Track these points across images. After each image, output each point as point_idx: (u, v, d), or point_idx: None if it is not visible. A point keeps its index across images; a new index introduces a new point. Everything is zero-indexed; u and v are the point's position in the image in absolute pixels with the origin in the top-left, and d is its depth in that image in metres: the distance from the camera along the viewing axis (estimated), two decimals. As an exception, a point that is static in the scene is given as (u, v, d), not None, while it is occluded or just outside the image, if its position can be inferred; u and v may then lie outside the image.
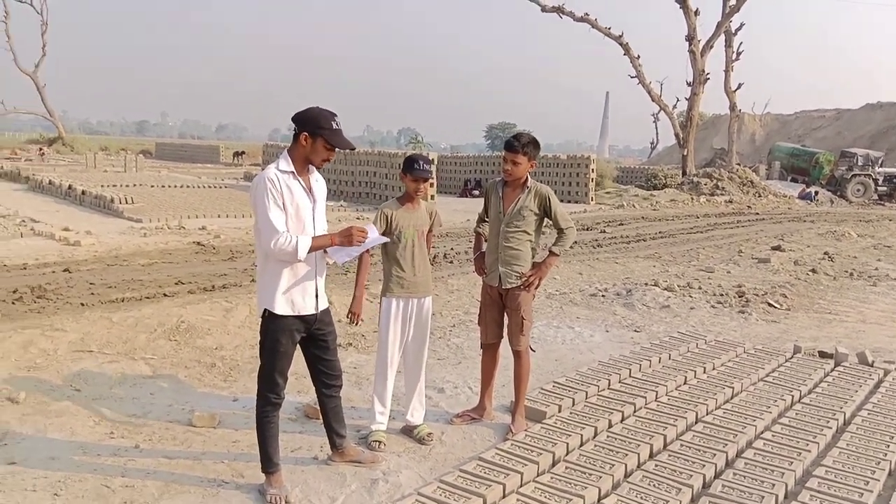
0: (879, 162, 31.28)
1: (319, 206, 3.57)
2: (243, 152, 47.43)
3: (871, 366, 5.99)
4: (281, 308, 3.46)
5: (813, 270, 10.82)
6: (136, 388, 5.00)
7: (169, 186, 21.50)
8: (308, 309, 3.54)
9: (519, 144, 4.26)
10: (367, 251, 3.64)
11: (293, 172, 3.44)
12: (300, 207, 3.44)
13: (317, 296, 3.57)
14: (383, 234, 4.15)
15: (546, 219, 4.43)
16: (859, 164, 30.44)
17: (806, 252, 12.86)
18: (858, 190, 29.96)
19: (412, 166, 4.20)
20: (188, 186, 22.16)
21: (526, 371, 4.51)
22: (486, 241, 4.60)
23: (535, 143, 4.32)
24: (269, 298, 3.46)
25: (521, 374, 4.49)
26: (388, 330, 4.28)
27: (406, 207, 4.27)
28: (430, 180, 4.25)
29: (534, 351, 4.86)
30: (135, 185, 21.07)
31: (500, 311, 4.53)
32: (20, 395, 4.64)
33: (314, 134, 3.40)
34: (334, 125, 3.41)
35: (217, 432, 4.33)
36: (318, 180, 3.60)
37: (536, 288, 4.48)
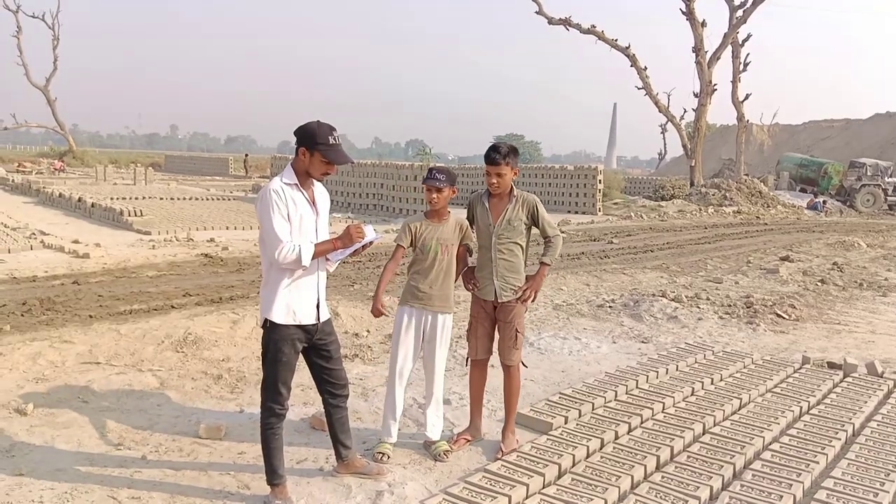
0: (889, 172, 31.18)
1: (322, 218, 3.61)
2: (247, 155, 49.04)
3: (881, 376, 5.95)
4: (281, 317, 3.48)
5: (822, 281, 10.76)
6: (143, 400, 5.02)
7: (178, 199, 21.65)
8: (309, 318, 3.56)
9: (500, 156, 4.18)
10: (362, 249, 3.63)
11: (296, 184, 3.49)
12: (304, 219, 3.48)
13: (318, 306, 3.59)
14: (405, 247, 4.23)
15: (534, 227, 4.37)
16: (868, 174, 30.36)
17: (815, 262, 12.80)
18: (868, 200, 29.84)
19: (426, 175, 4.25)
20: (197, 199, 22.30)
21: (516, 387, 4.41)
22: (470, 255, 4.50)
23: (514, 152, 4.27)
24: (270, 308, 3.48)
25: (512, 391, 4.39)
26: (398, 339, 4.27)
27: (431, 220, 4.27)
28: (444, 189, 4.25)
29: (525, 367, 4.75)
30: (144, 197, 21.23)
31: (492, 324, 4.43)
32: (28, 406, 4.66)
33: (312, 148, 3.43)
34: (331, 140, 3.43)
35: (223, 444, 4.33)
36: (321, 193, 3.64)
37: (533, 301, 4.46)
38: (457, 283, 4.39)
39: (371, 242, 3.65)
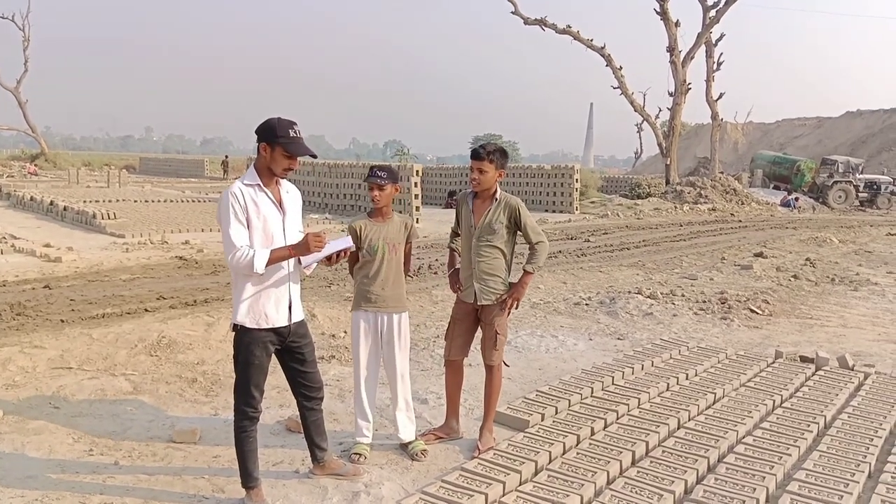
0: (860, 169, 31.75)
1: (291, 217, 3.56)
2: (226, 157, 48.88)
3: (852, 369, 6.05)
4: (252, 321, 3.45)
5: (795, 276, 10.91)
6: (116, 405, 4.95)
7: (152, 201, 21.39)
8: (281, 321, 3.52)
9: (485, 152, 4.17)
10: (336, 256, 3.61)
11: (259, 185, 3.44)
12: (268, 220, 3.43)
13: (290, 307, 3.56)
14: (356, 249, 4.15)
15: (519, 231, 4.35)
16: (840, 171, 30.83)
17: (788, 258, 12.98)
18: (840, 196, 30.32)
19: (367, 174, 4.20)
20: (172, 201, 22.05)
21: (497, 387, 4.42)
22: (459, 256, 4.49)
23: (501, 152, 4.25)
24: (241, 312, 3.45)
25: (492, 390, 4.40)
26: (358, 345, 4.24)
27: (376, 220, 4.22)
28: (387, 187, 4.19)
29: (507, 366, 4.75)
30: (118, 200, 20.94)
31: (473, 325, 4.42)
32: (-3, 413, 4.58)
33: (272, 143, 3.39)
34: (292, 133, 3.40)
35: (198, 448, 4.29)
36: (289, 192, 3.59)
37: (516, 308, 4.45)
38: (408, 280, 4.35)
39: (346, 250, 3.62)
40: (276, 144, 3.39)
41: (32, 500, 3.59)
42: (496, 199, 4.27)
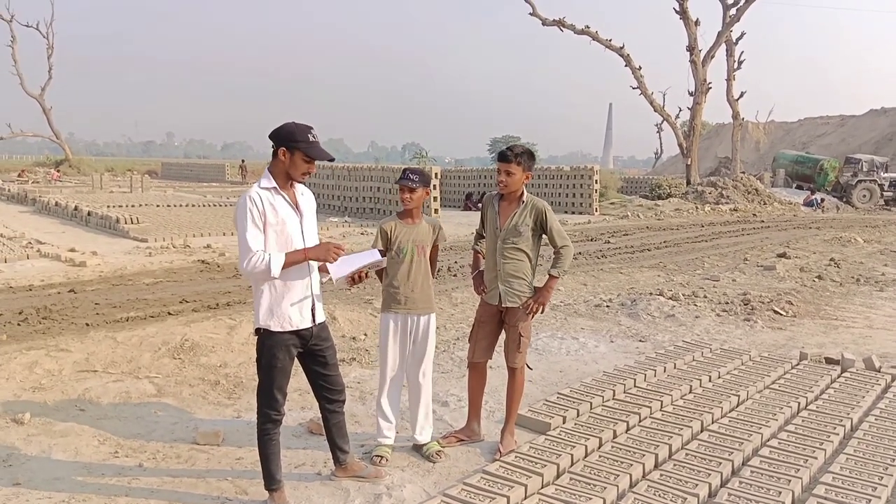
0: (884, 167, 31.24)
1: (307, 219, 3.58)
2: (243, 160, 49.42)
3: (879, 371, 5.95)
4: (275, 324, 3.47)
5: (819, 277, 10.77)
6: (140, 407, 5.01)
7: (174, 206, 21.62)
8: (304, 323, 3.54)
9: (512, 154, 4.17)
10: (366, 274, 3.63)
11: (275, 188, 3.46)
12: (286, 223, 3.45)
13: (313, 310, 3.57)
14: (383, 250, 4.15)
15: (544, 234, 4.33)
16: (864, 169, 30.39)
17: (812, 259, 12.81)
18: (864, 196, 29.88)
19: (400, 176, 4.22)
20: (193, 205, 22.28)
21: (519, 389, 4.41)
22: (484, 258, 4.49)
23: (529, 154, 4.24)
24: (264, 315, 3.47)
25: (514, 392, 4.38)
26: (387, 347, 4.25)
27: (405, 222, 4.25)
28: (418, 190, 4.21)
29: (531, 369, 4.74)
30: (140, 205, 21.20)
31: (497, 327, 4.42)
32: (25, 415, 4.65)
33: (291, 148, 3.41)
34: (311, 137, 3.41)
35: (221, 450, 4.32)
36: (304, 194, 3.61)
37: (542, 313, 4.42)
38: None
39: (374, 265, 3.62)
40: (296, 149, 3.40)
41: (59, 501, 3.64)
42: (523, 202, 4.26)
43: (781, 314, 8.34)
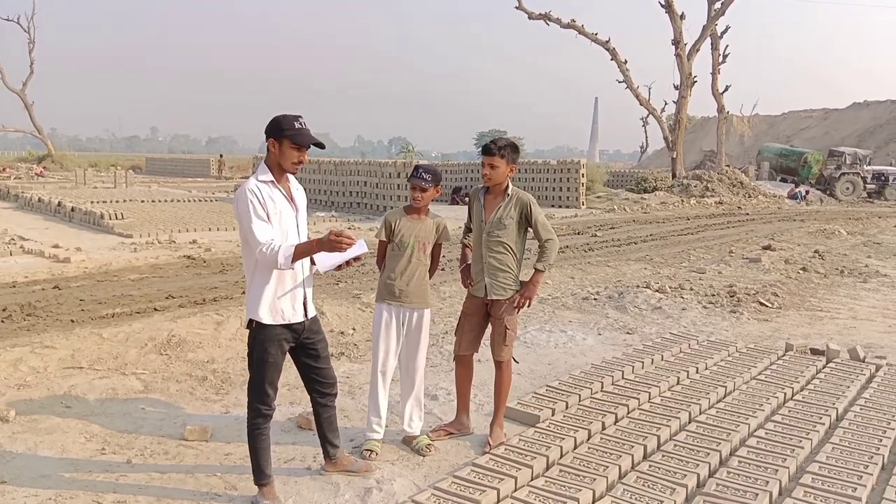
0: (867, 160, 31.60)
1: (301, 213, 3.58)
2: (221, 155, 50.00)
3: (863, 361, 6.02)
4: (268, 317, 3.46)
5: (804, 269, 10.86)
6: (127, 404, 4.97)
7: (159, 201, 21.44)
8: (296, 317, 3.53)
9: (496, 147, 4.18)
10: (347, 263, 3.61)
11: (272, 181, 3.45)
12: (283, 215, 3.45)
13: (305, 304, 3.57)
14: (386, 241, 4.22)
15: (529, 227, 4.34)
16: (847, 162, 30.69)
17: (796, 251, 12.92)
18: (847, 188, 30.18)
19: (412, 173, 4.23)
20: (178, 200, 22.10)
21: (507, 383, 4.42)
22: (471, 251, 4.50)
23: (513, 147, 4.24)
24: (256, 308, 3.45)
25: (502, 386, 4.39)
26: (378, 337, 4.26)
27: (411, 217, 4.26)
28: (429, 189, 4.22)
29: (517, 362, 4.75)
30: (125, 200, 21.00)
31: (483, 320, 4.43)
32: (10, 413, 4.60)
33: (279, 138, 3.40)
34: (297, 125, 3.40)
35: (209, 445, 4.30)
36: (297, 189, 3.61)
37: (528, 307, 4.44)
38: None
39: (359, 257, 3.61)
40: (283, 138, 3.40)
41: (46, 499, 3.60)
42: (508, 195, 4.27)
43: (767, 306, 8.40)
